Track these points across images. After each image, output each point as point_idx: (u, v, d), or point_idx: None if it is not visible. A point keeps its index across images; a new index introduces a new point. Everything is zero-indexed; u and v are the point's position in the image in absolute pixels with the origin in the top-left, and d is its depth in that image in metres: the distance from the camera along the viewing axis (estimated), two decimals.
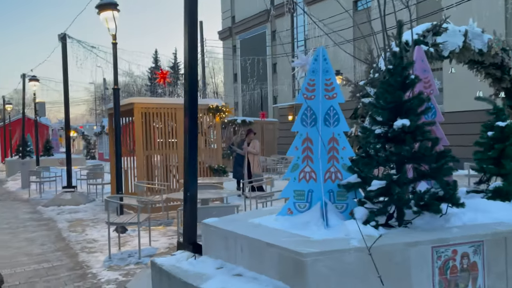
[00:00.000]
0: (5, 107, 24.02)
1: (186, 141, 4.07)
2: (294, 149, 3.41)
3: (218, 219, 3.52)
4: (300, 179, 3.37)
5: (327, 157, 3.35)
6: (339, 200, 3.35)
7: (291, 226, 3.17)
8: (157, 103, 9.51)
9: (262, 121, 20.85)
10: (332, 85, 3.40)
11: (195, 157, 4.10)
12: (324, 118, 3.37)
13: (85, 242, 6.91)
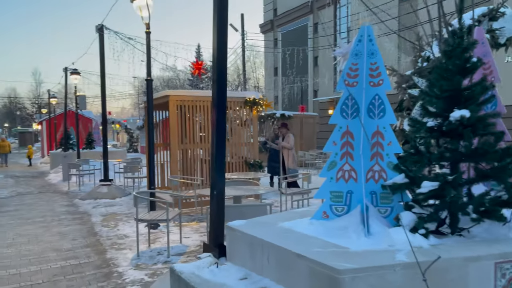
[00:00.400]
0: (50, 100, 24.81)
1: (214, 134, 3.71)
2: (332, 144, 2.97)
3: (245, 221, 3.14)
4: (338, 179, 2.93)
5: (370, 153, 2.89)
6: (383, 203, 2.88)
7: (326, 233, 2.74)
8: (192, 95, 9.27)
9: (301, 115, 20.31)
10: (378, 70, 2.92)
11: (223, 152, 3.74)
12: (367, 109, 2.90)
13: (116, 237, 6.76)
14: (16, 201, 10.79)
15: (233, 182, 7.26)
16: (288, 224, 2.96)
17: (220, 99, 3.72)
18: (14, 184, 14.90)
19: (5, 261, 5.61)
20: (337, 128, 2.97)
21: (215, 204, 3.74)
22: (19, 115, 74.61)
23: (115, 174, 13.38)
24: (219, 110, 3.71)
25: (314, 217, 2.97)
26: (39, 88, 68.36)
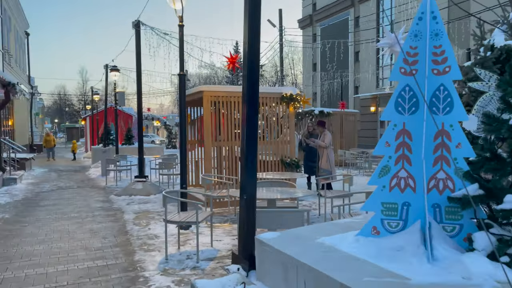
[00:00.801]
0: (93, 97, 25.33)
1: (244, 131, 3.29)
2: (384, 145, 2.46)
3: (278, 234, 2.69)
4: (392, 188, 2.42)
5: (433, 157, 2.36)
6: (449, 219, 2.34)
7: (378, 254, 2.25)
8: (227, 91, 8.90)
9: (341, 112, 19.53)
10: (444, 54, 2.38)
11: (254, 151, 3.31)
12: (430, 102, 2.37)
13: (146, 237, 6.50)
14: (56, 196, 10.87)
15: (267, 182, 6.82)
16: (329, 240, 2.48)
17: (252, 94, 3.29)
18: (56, 178, 15.18)
19: (34, 259, 5.45)
20: (391, 126, 2.46)
21: (245, 210, 3.31)
22: (68, 111, 77.82)
23: (151, 170, 13.29)
24: (250, 105, 3.28)
25: (361, 233, 2.47)
26: (85, 85, 70.75)
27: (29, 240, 6.35)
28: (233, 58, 7.80)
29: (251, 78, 3.30)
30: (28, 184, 13.08)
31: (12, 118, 24.87)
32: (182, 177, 7.10)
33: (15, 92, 12.84)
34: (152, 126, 58.69)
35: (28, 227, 7.29)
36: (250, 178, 3.26)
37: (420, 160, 2.35)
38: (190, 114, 10.82)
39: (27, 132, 31.96)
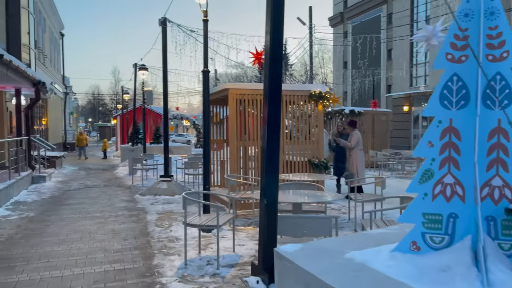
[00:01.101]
0: (123, 96, 25.61)
1: (265, 132, 2.97)
2: (427, 145, 2.08)
3: (300, 246, 2.35)
4: (436, 196, 2.04)
5: (487, 160, 1.96)
6: (507, 235, 1.94)
7: (419, 276, 1.88)
8: (253, 88, 8.60)
9: (373, 112, 18.87)
10: (501, 37, 1.98)
11: (276, 152, 2.98)
12: (483, 94, 1.98)
13: (167, 240, 6.28)
14: (82, 194, 10.89)
15: (293, 184, 6.47)
16: (360, 256, 2.12)
17: (274, 88, 2.98)
18: (84, 176, 15.33)
19: (52, 260, 5.32)
20: (435, 123, 2.07)
21: (265, 215, 2.99)
22: (101, 110, 79.89)
23: (177, 170, 13.18)
24: (272, 101, 2.96)
25: (398, 248, 2.10)
26: (117, 85, 72.33)
27: (50, 240, 6.25)
28: (258, 53, 7.48)
29: (274, 70, 2.97)
30: (56, 182, 13.22)
31: (46, 117, 25.50)
32: (205, 177, 6.85)
33: (45, 91, 13.00)
34: (182, 126, 59.29)
35: (51, 226, 7.22)
36: (272, 181, 2.94)
37: (471, 164, 1.96)
38: (219, 113, 10.59)
39: (61, 130, 32.78)
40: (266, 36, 3.02)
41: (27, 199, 9.94)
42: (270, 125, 2.89)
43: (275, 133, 2.92)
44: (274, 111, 2.90)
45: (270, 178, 2.95)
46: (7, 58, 8.25)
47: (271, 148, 2.90)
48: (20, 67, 9.51)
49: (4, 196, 9.14)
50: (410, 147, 23.92)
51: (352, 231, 6.80)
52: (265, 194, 2.97)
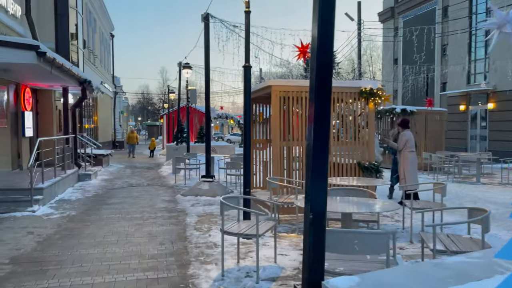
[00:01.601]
0: (169, 96, 25.85)
1: (312, 132, 2.47)
2: None
3: (356, 280, 1.84)
4: None
5: None
6: None
7: None
8: (298, 85, 8.09)
9: (426, 111, 17.70)
10: None
11: (325, 157, 2.47)
12: None
13: (205, 246, 5.91)
14: (124, 193, 10.83)
15: (341, 190, 5.90)
16: None
17: (322, 79, 2.46)
18: (130, 174, 15.43)
19: (85, 265, 5.09)
20: None
21: (311, 232, 2.50)
22: (150, 109, 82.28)
23: (220, 170, 12.90)
24: (321, 97, 2.45)
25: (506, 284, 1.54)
26: (165, 85, 74.03)
27: (86, 242, 6.07)
28: (304, 47, 6.95)
29: (322, 60, 2.46)
30: (102, 180, 13.34)
31: (96, 115, 26.25)
32: (246, 180, 6.42)
33: (91, 89, 13.13)
34: (227, 125, 59.62)
35: (90, 226, 7.08)
36: (319, 191, 2.44)
37: None
38: (262, 113, 10.18)
39: (110, 129, 33.75)
40: (314, 25, 2.51)
41: (71, 197, 9.99)
42: (317, 124, 2.39)
43: (323, 134, 2.41)
44: (322, 108, 2.39)
45: (317, 187, 2.45)
46: (51, 55, 8.24)
47: (318, 152, 2.40)
48: (65, 65, 9.54)
49: (49, 194, 9.20)
50: (467, 148, 22.37)
51: (408, 242, 6.15)
52: (311, 206, 2.47)
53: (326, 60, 2.42)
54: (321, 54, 2.39)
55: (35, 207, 8.18)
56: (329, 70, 2.44)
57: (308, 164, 2.48)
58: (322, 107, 2.41)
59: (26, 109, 12.19)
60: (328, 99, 2.44)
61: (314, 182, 2.45)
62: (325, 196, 2.50)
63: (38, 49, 7.89)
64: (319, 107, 2.41)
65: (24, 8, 11.73)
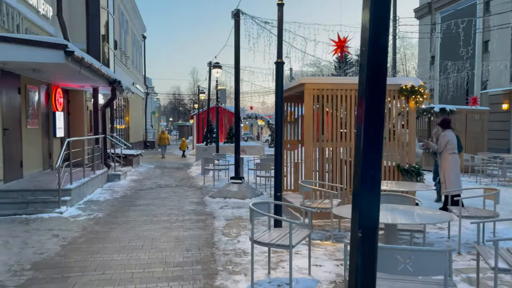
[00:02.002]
0: (199, 96, 25.76)
1: (362, 135, 2.04)
2: None
3: None
4: None
5: None
6: None
7: None
8: (332, 83, 7.62)
9: (466, 110, 16.73)
10: None
11: (377, 164, 2.04)
12: None
13: (233, 253, 5.55)
14: (153, 194, 10.65)
15: (382, 196, 5.39)
16: None
17: (377, 73, 2.02)
18: (159, 175, 15.32)
19: (108, 272, 4.83)
20: None
21: (359, 253, 2.08)
22: (181, 110, 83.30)
23: (249, 171, 12.55)
24: (375, 93, 2.02)
25: None
26: (195, 85, 74.62)
27: (111, 247, 5.83)
28: (341, 41, 6.48)
29: (376, 47, 2.03)
30: (131, 180, 13.25)
31: (128, 116, 26.50)
32: (277, 183, 6.01)
33: (121, 89, 13.07)
34: (256, 125, 59.35)
35: (116, 229, 6.86)
36: (370, 204, 2.02)
37: None
38: (293, 112, 9.76)
39: (142, 129, 34.11)
40: (364, 11, 2.08)
41: (99, 198, 9.87)
42: (369, 125, 1.98)
43: (376, 136, 1.99)
44: (375, 106, 1.97)
45: (367, 199, 2.03)
46: (79, 55, 8.11)
47: (370, 157, 1.98)
48: (94, 65, 9.43)
49: (77, 194, 9.10)
50: (510, 149, 21.12)
51: (455, 254, 5.58)
52: (360, 221, 2.05)
53: (381, 45, 1.99)
54: (375, 40, 1.96)
55: (63, 208, 8.07)
56: (384, 60, 2.01)
57: (357, 171, 2.06)
58: (376, 105, 1.99)
59: (57, 110, 12.23)
60: (383, 95, 2.01)
61: (364, 192, 2.03)
62: (378, 209, 2.08)
63: (66, 48, 7.77)
64: (371, 105, 1.98)
65: (55, 8, 11.76)
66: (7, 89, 9.01)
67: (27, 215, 7.72)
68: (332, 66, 52.07)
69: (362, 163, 2.03)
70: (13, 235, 6.40)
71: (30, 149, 10.24)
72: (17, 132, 9.57)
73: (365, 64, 2.00)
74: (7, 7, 8.60)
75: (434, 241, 6.15)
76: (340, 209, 4.76)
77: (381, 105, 2.00)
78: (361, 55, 2.03)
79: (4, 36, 7.48)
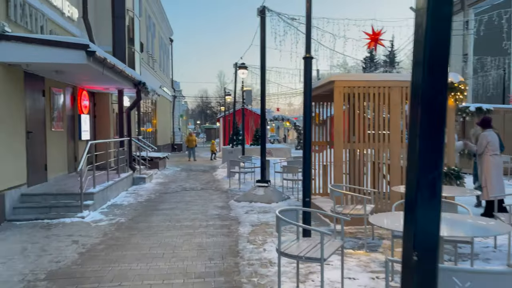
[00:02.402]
0: (225, 98, 25.54)
1: (417, 131, 1.61)
2: None
3: None
4: None
5: None
6: None
7: None
8: (365, 80, 7.12)
9: (504, 109, 15.79)
10: None
11: (439, 171, 1.60)
12: None
13: (259, 264, 5.15)
14: (177, 198, 10.39)
15: None
16: None
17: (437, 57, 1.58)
18: (184, 178, 15.11)
19: (125, 284, 4.52)
20: None
21: (416, 281, 1.63)
22: (208, 113, 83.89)
23: (275, 174, 12.13)
24: (434, 81, 1.58)
25: None
26: (222, 88, 74.83)
27: (130, 255, 5.54)
28: (375, 34, 6.00)
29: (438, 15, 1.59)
30: (156, 184, 13.06)
31: (155, 119, 26.57)
32: (305, 188, 5.58)
33: (146, 91, 12.92)
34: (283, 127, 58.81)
35: (137, 236, 6.59)
36: (429, 219, 1.58)
37: None
38: (319, 114, 9.30)
39: (169, 132, 34.23)
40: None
41: (123, 202, 9.68)
42: (427, 114, 1.55)
43: (438, 131, 1.55)
44: (437, 90, 1.53)
45: (425, 211, 1.60)
46: (101, 55, 7.92)
47: (429, 158, 1.56)
48: (117, 66, 9.25)
49: (101, 198, 8.93)
50: None
51: (505, 265, 5.02)
52: (415, 240, 1.62)
53: (444, 18, 1.55)
54: (436, 7, 1.52)
55: (85, 212, 7.88)
56: (447, 34, 1.57)
57: (411, 177, 1.63)
58: (437, 90, 1.55)
59: (82, 112, 12.18)
60: (444, 77, 1.57)
61: (421, 203, 1.60)
62: (438, 224, 1.63)
63: (88, 48, 7.59)
64: (430, 91, 1.55)
65: (81, 10, 11.71)
66: (31, 91, 8.94)
67: (49, 220, 7.57)
68: (360, 67, 50.90)
69: (419, 166, 1.59)
70: (32, 241, 6.22)
71: (54, 152, 10.17)
72: (42, 135, 9.49)
73: (421, 40, 1.57)
74: (30, 8, 8.52)
75: (479, 251, 5.58)
76: (379, 218, 4.28)
77: (443, 90, 1.56)
78: (416, 29, 1.60)
79: (24, 37, 7.36)
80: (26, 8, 8.36)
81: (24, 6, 8.27)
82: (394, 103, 7.09)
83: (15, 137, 8.15)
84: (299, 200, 9.66)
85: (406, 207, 1.71)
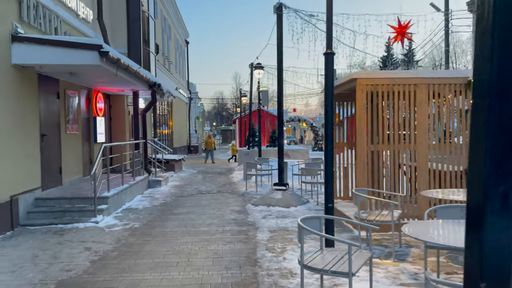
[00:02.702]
0: (241, 99, 25.29)
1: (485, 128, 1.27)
2: None
3: None
4: None
5: None
6: None
7: None
8: (389, 77, 6.74)
9: None
10: None
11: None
12: None
13: (279, 274, 4.83)
14: (193, 202, 10.14)
15: (457, 208, 4.49)
16: None
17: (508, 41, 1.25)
18: (200, 180, 14.87)
19: None
20: None
21: None
22: (224, 115, 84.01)
23: (293, 176, 11.78)
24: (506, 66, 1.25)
25: None
26: (237, 89, 74.78)
27: (143, 264, 5.28)
28: (402, 27, 5.63)
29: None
30: (171, 187, 12.85)
31: (171, 121, 26.49)
32: (328, 193, 5.23)
33: (162, 93, 12.74)
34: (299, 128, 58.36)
35: (151, 242, 6.34)
36: (501, 239, 1.24)
37: None
38: (338, 114, 8.92)
39: (186, 134, 34.15)
40: None
41: (138, 206, 9.47)
42: (500, 108, 1.21)
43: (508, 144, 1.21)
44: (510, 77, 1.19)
45: (496, 228, 1.25)
46: (114, 55, 7.72)
47: (501, 162, 1.21)
48: (131, 67, 9.06)
49: (115, 202, 8.73)
50: None
51: None
52: (484, 265, 1.28)
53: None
54: None
55: (99, 217, 7.68)
56: None
57: (476, 185, 1.29)
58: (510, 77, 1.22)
59: (98, 115, 12.06)
60: None
61: (491, 217, 1.26)
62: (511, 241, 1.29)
63: (101, 48, 7.40)
64: (502, 80, 1.22)
65: (96, 12, 11.60)
66: (46, 94, 8.81)
67: (63, 225, 7.39)
68: (377, 67, 49.95)
69: (488, 172, 1.25)
70: (44, 248, 6.02)
71: (69, 155, 10.04)
72: (56, 137, 9.36)
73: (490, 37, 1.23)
74: (44, 9, 8.39)
75: None
76: (414, 228, 3.91)
77: None
78: (478, 34, 1.26)
79: (36, 38, 7.21)
80: (39, 9, 8.23)
81: (37, 7, 8.14)
82: (420, 102, 6.69)
83: (29, 140, 8.01)
84: (319, 204, 9.30)
85: (469, 224, 1.38)
